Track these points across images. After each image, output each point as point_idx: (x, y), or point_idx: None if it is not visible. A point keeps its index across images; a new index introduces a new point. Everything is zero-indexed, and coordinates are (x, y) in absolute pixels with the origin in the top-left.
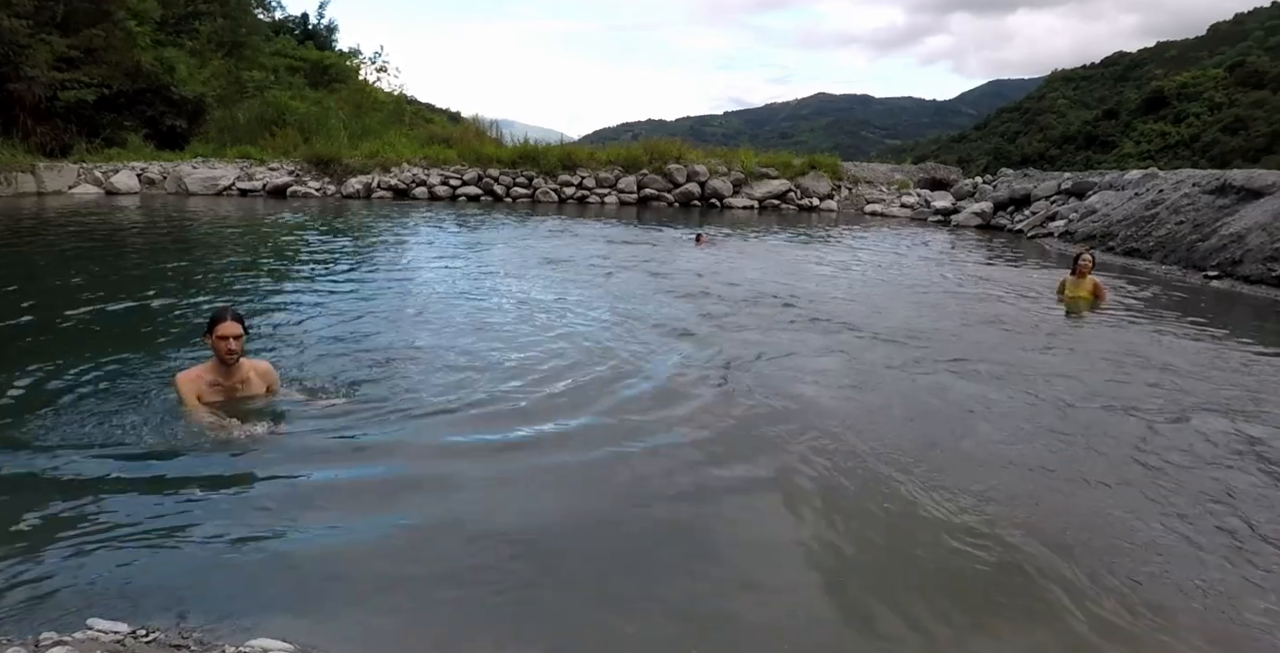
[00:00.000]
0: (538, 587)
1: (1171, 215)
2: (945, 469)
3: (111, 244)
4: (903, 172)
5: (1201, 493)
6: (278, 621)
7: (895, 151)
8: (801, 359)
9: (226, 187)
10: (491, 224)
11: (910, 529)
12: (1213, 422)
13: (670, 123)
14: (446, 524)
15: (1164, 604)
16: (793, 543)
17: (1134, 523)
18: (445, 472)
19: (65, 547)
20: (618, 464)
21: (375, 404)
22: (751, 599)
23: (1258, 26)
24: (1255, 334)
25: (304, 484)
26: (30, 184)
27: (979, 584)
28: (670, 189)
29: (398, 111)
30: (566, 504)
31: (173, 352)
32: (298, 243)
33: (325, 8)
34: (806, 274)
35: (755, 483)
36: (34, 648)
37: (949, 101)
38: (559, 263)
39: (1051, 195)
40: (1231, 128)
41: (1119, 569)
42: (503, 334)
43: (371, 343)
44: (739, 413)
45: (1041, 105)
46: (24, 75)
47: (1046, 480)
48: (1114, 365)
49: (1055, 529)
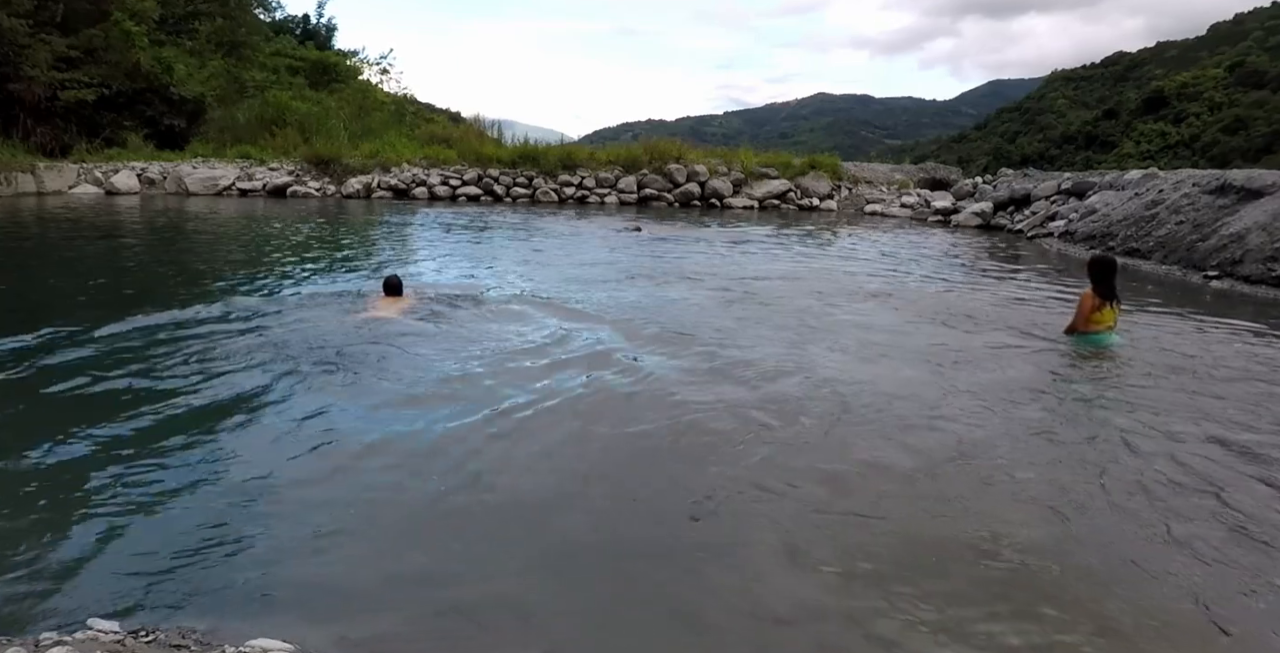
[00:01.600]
0: (539, 587)
1: (1171, 215)
2: (954, 477)
3: (112, 244)
4: (903, 171)
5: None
6: (278, 621)
7: (895, 151)
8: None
9: (226, 187)
10: (478, 223)
11: (917, 533)
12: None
13: (670, 123)
14: (447, 525)
15: (1165, 606)
16: (790, 551)
17: (1135, 526)
18: (446, 474)
19: (65, 547)
20: (622, 467)
21: (375, 401)
22: (751, 601)
23: (1258, 26)
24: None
25: (304, 485)
26: (30, 184)
27: (982, 585)
28: (670, 189)
29: (399, 112)
30: (570, 505)
31: (173, 352)
32: (298, 242)
33: (325, 8)
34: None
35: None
36: (34, 648)
37: (949, 102)
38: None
39: (1051, 195)
40: (1231, 128)
41: (1121, 571)
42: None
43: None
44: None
45: (1041, 105)
46: (24, 75)
47: (1049, 480)
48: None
49: (1057, 533)
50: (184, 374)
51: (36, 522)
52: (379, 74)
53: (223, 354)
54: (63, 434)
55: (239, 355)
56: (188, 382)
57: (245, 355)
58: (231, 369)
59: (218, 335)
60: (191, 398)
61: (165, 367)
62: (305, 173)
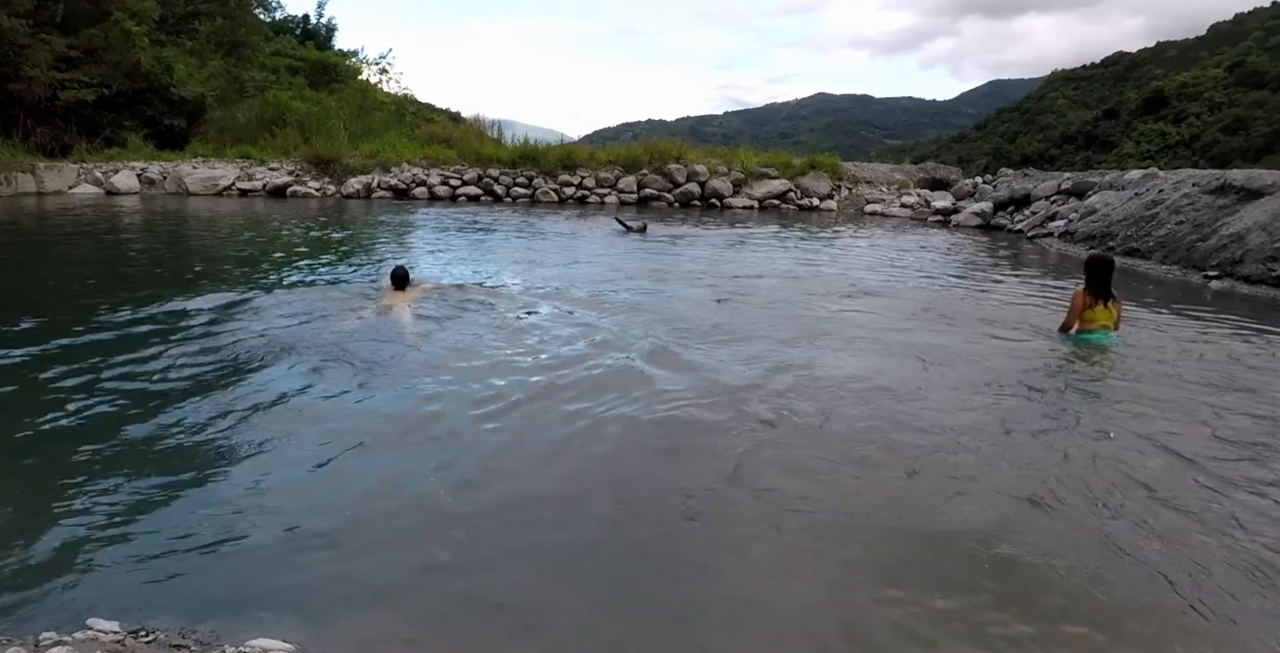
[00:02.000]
0: (539, 587)
1: (1171, 215)
2: (954, 472)
3: (111, 243)
4: (903, 171)
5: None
6: (278, 621)
7: (895, 151)
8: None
9: (226, 187)
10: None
11: (910, 528)
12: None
13: (670, 123)
14: (447, 525)
15: (1163, 605)
16: (787, 553)
17: (1137, 529)
18: (446, 474)
19: (66, 547)
20: (621, 467)
21: (375, 399)
22: (751, 601)
23: (1258, 26)
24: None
25: (305, 485)
26: (30, 184)
27: (983, 587)
28: (670, 189)
29: (399, 112)
30: (569, 505)
31: (175, 351)
32: (298, 242)
33: (325, 8)
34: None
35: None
36: (34, 648)
37: (949, 102)
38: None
39: (1051, 195)
40: (1231, 128)
41: (1121, 570)
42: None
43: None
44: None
45: (1041, 105)
46: (24, 75)
47: (1048, 484)
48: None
49: (1046, 527)
50: (186, 374)
51: (37, 521)
52: (379, 74)
53: (226, 352)
54: (63, 433)
55: (243, 353)
56: (190, 380)
57: (249, 353)
58: (235, 367)
59: (220, 334)
60: (193, 397)
61: (166, 366)
62: (305, 173)
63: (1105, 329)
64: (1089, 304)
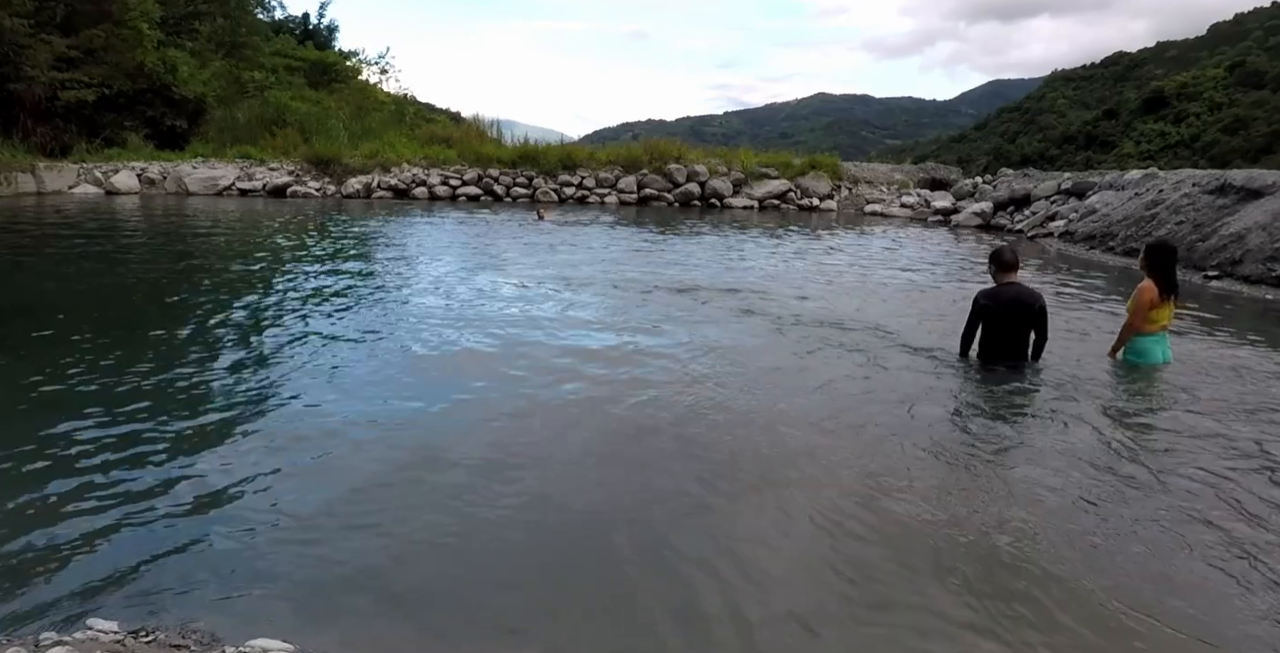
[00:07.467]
0: (538, 586)
1: (1171, 215)
2: (956, 473)
3: (111, 243)
4: (903, 171)
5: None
6: (278, 621)
7: (895, 151)
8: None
9: (226, 187)
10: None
11: (916, 531)
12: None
13: (670, 123)
14: (447, 525)
15: (1162, 604)
16: (794, 550)
17: (1136, 529)
18: (445, 474)
19: (66, 546)
20: (621, 469)
21: (376, 400)
22: (751, 601)
23: (1258, 26)
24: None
25: (305, 486)
26: (30, 184)
27: (984, 585)
28: (670, 189)
29: (399, 112)
30: (569, 503)
31: (175, 350)
32: (298, 241)
33: (326, 8)
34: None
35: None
36: (34, 648)
37: (949, 102)
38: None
39: (1051, 195)
40: (1231, 128)
41: (1121, 569)
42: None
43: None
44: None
45: (1041, 105)
46: (24, 75)
47: (1049, 482)
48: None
49: (1060, 534)
50: (186, 374)
51: (37, 521)
52: (378, 74)
53: (226, 354)
54: (64, 434)
55: (240, 357)
56: (189, 381)
57: (247, 355)
58: (230, 374)
59: (223, 332)
60: (193, 396)
61: (165, 366)
62: (305, 173)
63: (1164, 331)
64: (1157, 301)
